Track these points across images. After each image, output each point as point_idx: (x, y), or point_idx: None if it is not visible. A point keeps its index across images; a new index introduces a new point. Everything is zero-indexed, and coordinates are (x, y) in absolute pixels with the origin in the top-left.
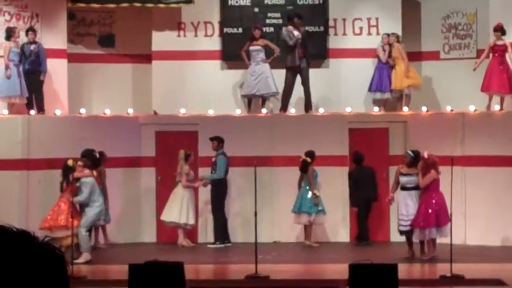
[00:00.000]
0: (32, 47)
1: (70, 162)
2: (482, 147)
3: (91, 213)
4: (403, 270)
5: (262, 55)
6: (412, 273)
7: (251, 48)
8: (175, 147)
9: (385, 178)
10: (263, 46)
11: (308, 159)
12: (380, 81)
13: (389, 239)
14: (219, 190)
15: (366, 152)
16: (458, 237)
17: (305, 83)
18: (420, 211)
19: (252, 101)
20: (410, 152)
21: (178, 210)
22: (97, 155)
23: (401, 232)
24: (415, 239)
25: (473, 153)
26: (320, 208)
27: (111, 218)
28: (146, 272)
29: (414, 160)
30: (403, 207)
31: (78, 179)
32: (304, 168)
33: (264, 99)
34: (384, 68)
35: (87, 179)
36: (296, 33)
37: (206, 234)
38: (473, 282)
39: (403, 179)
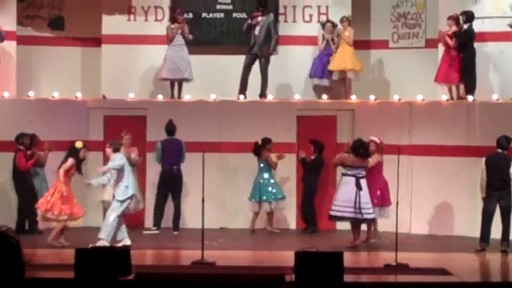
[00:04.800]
0: None
1: (78, 144)
2: (429, 136)
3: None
4: (349, 259)
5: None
6: (358, 261)
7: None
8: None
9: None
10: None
11: (259, 142)
12: (319, 67)
13: (335, 227)
14: (160, 177)
15: None
16: (403, 225)
17: (261, 69)
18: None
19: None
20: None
21: None
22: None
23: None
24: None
25: (419, 143)
26: (280, 195)
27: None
28: (93, 256)
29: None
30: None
31: (82, 161)
32: (256, 151)
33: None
34: (323, 55)
35: (113, 164)
36: (260, 19)
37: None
38: (418, 271)
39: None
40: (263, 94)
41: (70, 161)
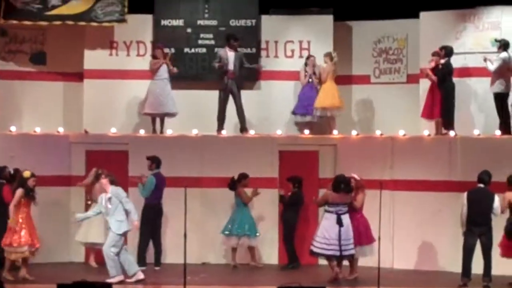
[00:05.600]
0: None
1: (26, 174)
2: (411, 171)
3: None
4: None
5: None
6: None
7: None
8: (105, 167)
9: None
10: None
11: (235, 177)
12: (301, 105)
13: (317, 262)
14: (144, 213)
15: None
16: (385, 261)
17: (236, 104)
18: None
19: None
20: None
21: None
22: (11, 172)
23: None
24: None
25: (401, 178)
26: (250, 232)
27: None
28: None
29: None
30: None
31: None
32: (231, 186)
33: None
34: (306, 91)
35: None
36: (230, 54)
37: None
38: None
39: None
40: (243, 129)
41: (18, 192)
